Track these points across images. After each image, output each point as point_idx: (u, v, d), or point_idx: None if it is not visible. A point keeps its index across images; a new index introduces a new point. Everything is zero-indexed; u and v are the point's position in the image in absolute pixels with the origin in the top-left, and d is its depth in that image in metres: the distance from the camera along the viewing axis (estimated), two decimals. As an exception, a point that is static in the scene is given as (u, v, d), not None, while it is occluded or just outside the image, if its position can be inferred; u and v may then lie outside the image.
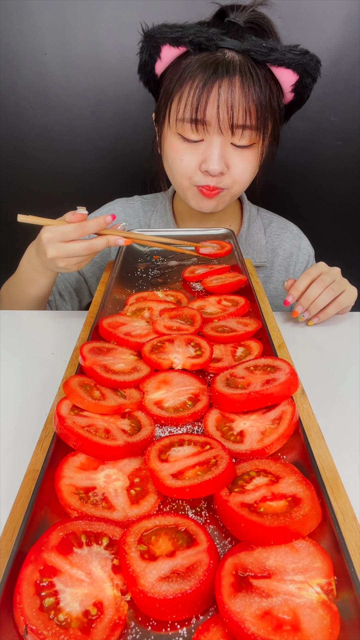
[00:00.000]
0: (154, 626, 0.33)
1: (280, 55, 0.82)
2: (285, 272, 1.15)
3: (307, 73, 0.85)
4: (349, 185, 1.43)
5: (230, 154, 0.89)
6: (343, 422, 0.64)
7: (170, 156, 0.93)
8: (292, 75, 0.86)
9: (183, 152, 0.91)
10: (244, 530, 0.37)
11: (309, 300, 0.86)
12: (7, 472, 0.55)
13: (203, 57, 0.84)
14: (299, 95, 0.91)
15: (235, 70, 0.82)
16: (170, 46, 0.85)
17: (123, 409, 0.50)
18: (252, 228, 1.13)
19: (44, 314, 0.97)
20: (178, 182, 0.96)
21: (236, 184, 0.93)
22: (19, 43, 1.25)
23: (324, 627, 0.31)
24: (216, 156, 0.87)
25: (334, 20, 1.20)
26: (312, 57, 0.84)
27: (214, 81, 0.83)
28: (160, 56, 0.88)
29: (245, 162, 0.91)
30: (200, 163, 0.89)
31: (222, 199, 0.96)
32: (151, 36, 0.85)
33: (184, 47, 0.85)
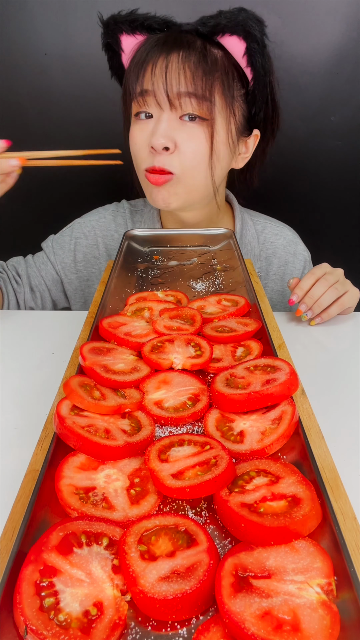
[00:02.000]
0: (154, 626, 0.33)
1: (217, 19, 0.82)
2: (281, 280, 1.13)
3: (250, 35, 0.82)
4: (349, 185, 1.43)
5: (179, 130, 0.87)
6: (343, 422, 0.64)
7: (131, 145, 0.93)
8: (240, 44, 0.84)
9: (135, 133, 0.91)
10: (244, 530, 0.37)
11: (313, 299, 0.85)
12: (7, 472, 0.55)
13: (153, 39, 0.86)
14: (253, 68, 0.87)
15: (176, 46, 0.84)
16: (127, 35, 0.87)
17: (123, 409, 0.50)
18: (245, 237, 1.11)
19: (44, 314, 0.97)
20: (137, 171, 0.95)
21: (186, 169, 0.89)
22: (19, 43, 1.25)
23: (324, 627, 0.31)
24: (161, 129, 0.86)
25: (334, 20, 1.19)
26: (249, 14, 0.81)
27: (153, 56, 0.84)
28: (122, 48, 0.90)
29: (194, 140, 0.87)
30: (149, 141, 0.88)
31: (172, 189, 0.91)
32: (107, 25, 0.88)
33: (140, 35, 0.87)
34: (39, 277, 1.09)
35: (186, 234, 0.97)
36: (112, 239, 1.12)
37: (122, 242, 0.92)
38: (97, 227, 1.12)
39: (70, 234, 1.12)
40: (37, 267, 1.10)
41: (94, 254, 1.12)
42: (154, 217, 1.11)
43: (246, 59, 0.85)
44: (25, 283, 1.07)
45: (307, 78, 1.26)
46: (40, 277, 1.10)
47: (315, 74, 1.26)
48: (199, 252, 0.93)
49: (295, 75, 1.25)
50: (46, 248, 1.12)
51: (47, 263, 1.11)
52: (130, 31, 0.87)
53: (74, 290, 1.13)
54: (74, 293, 1.14)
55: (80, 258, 1.11)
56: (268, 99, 0.94)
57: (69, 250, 1.11)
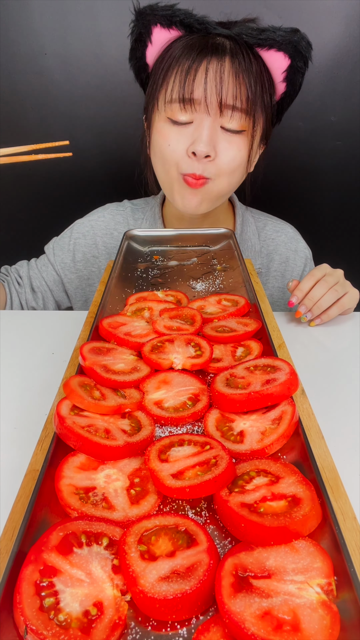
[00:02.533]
0: (154, 626, 0.33)
1: (270, 34, 0.81)
2: (282, 277, 1.13)
3: (298, 54, 0.83)
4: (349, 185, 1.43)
5: (220, 138, 0.87)
6: (343, 422, 0.64)
7: (158, 143, 0.91)
8: (284, 60, 0.84)
9: (171, 137, 0.89)
10: (244, 530, 0.37)
11: (313, 301, 0.85)
12: (7, 472, 0.55)
13: (192, 39, 0.84)
14: (290, 84, 0.89)
15: (225, 52, 0.82)
16: (161, 27, 0.85)
17: (123, 409, 0.50)
18: (246, 233, 1.11)
19: (44, 314, 0.97)
20: (164, 172, 0.94)
21: (222, 175, 0.90)
22: (19, 43, 1.25)
23: (324, 628, 0.31)
24: (205, 136, 0.85)
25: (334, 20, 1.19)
26: (302, 36, 0.83)
27: (202, 59, 0.82)
28: (151, 40, 0.87)
29: (234, 149, 0.88)
30: (188, 146, 0.87)
31: (207, 195, 0.92)
32: (142, 14, 0.85)
33: (175, 30, 0.85)
34: (40, 279, 1.11)
35: (186, 234, 0.97)
36: (112, 237, 1.13)
37: (122, 242, 0.92)
38: (95, 227, 1.13)
39: (69, 235, 1.13)
40: (38, 269, 1.12)
41: (93, 253, 1.12)
42: (155, 214, 1.11)
43: (285, 75, 0.86)
44: (26, 284, 1.09)
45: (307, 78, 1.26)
46: (42, 278, 1.11)
47: (315, 74, 1.26)
48: (199, 252, 0.93)
49: (295, 75, 1.25)
50: (47, 250, 1.14)
51: (48, 265, 1.13)
52: (166, 25, 0.85)
53: (74, 289, 1.14)
54: (74, 292, 1.14)
55: (80, 258, 1.12)
56: None
57: (68, 250, 1.12)
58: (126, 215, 1.14)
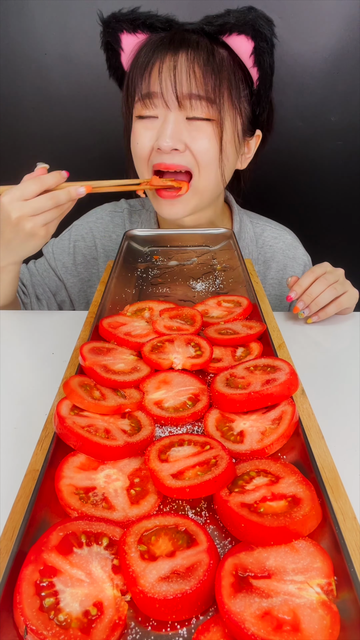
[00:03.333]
0: (154, 626, 0.33)
1: (226, 17, 0.81)
2: (279, 285, 1.11)
3: (259, 34, 0.82)
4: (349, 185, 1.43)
5: (187, 130, 0.87)
6: (343, 422, 0.64)
7: (132, 144, 0.92)
8: (247, 43, 0.83)
9: (139, 134, 0.90)
10: (244, 530, 0.37)
11: (311, 297, 0.85)
12: (7, 472, 0.55)
13: (157, 38, 0.85)
14: (261, 68, 0.87)
15: (183, 46, 0.83)
16: (127, 33, 0.86)
17: (123, 409, 0.50)
18: (243, 240, 1.09)
19: (44, 314, 0.97)
20: (141, 173, 0.94)
21: (201, 166, 0.88)
22: (19, 43, 1.25)
23: (324, 628, 0.31)
24: (168, 130, 0.85)
25: (334, 20, 1.19)
26: (258, 13, 0.81)
27: (158, 56, 0.83)
28: (122, 47, 0.89)
29: (204, 139, 0.87)
30: (154, 142, 0.87)
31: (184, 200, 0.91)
32: (107, 23, 0.87)
33: (141, 33, 0.86)
34: (44, 286, 1.10)
35: (186, 234, 0.97)
36: (110, 240, 1.12)
37: (122, 242, 0.92)
38: (94, 229, 1.12)
39: (68, 237, 1.12)
40: (40, 275, 1.11)
41: (92, 255, 1.12)
42: (151, 219, 1.11)
43: (253, 58, 0.85)
44: (31, 294, 1.08)
45: (307, 78, 1.26)
46: (45, 284, 1.11)
47: (315, 74, 1.26)
48: (199, 252, 0.93)
49: (295, 75, 1.25)
50: (47, 254, 1.13)
51: (49, 270, 1.12)
52: (131, 30, 0.85)
53: (77, 292, 1.13)
54: (77, 295, 1.14)
55: (80, 260, 1.11)
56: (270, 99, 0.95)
57: (68, 253, 1.11)
58: (124, 218, 1.13)
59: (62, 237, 1.13)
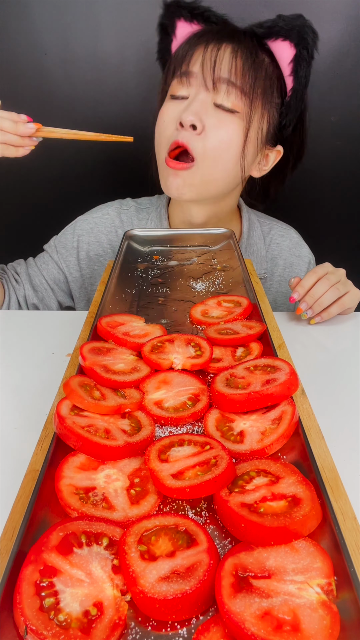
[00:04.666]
0: (154, 626, 0.33)
1: (275, 20, 0.85)
2: (285, 282, 1.12)
3: (303, 41, 0.84)
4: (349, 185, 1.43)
5: (210, 114, 0.87)
6: (343, 422, 0.64)
7: (158, 123, 0.93)
8: (289, 49, 0.86)
9: (167, 111, 0.91)
10: (244, 530, 0.37)
11: (314, 298, 0.85)
12: (7, 472, 0.55)
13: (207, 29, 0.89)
14: (297, 77, 0.89)
15: (229, 37, 0.86)
16: (184, 21, 0.90)
17: (123, 409, 0.50)
18: (252, 237, 1.10)
19: (44, 314, 0.97)
20: (158, 153, 0.95)
21: (207, 156, 0.88)
22: (19, 43, 1.25)
23: (324, 628, 0.31)
24: (192, 106, 0.86)
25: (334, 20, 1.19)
26: (306, 22, 0.84)
27: (203, 40, 0.86)
28: (175, 34, 0.92)
29: (223, 129, 0.87)
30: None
31: (189, 178, 0.90)
32: (169, 6, 0.90)
33: (196, 24, 0.89)
34: (40, 277, 1.09)
35: (186, 234, 0.97)
36: (117, 236, 1.10)
37: (122, 242, 0.92)
38: (100, 224, 1.10)
39: (72, 232, 1.11)
40: (37, 267, 1.09)
41: (96, 251, 1.10)
42: (161, 215, 1.09)
43: (292, 66, 0.87)
44: (25, 280, 1.07)
45: (307, 78, 1.26)
46: (42, 276, 1.09)
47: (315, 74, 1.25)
48: (199, 252, 0.93)
49: (295, 75, 1.25)
50: (48, 248, 1.12)
51: (50, 262, 1.10)
52: (189, 18, 0.89)
53: (78, 288, 1.12)
54: (79, 292, 1.13)
55: (83, 256, 1.10)
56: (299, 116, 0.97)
57: (72, 247, 1.10)
58: (130, 215, 1.12)
59: (65, 232, 1.11)
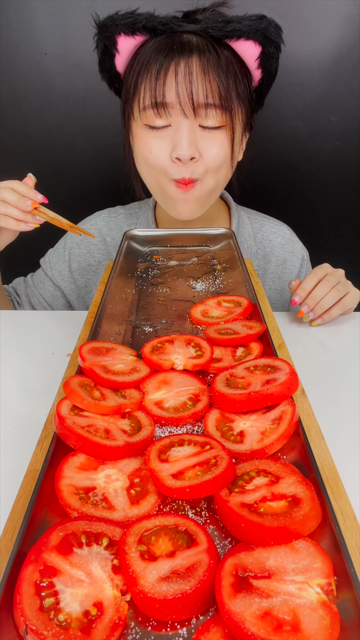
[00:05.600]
0: (154, 626, 0.33)
1: (237, 24, 0.80)
2: (279, 279, 1.12)
3: (268, 40, 0.82)
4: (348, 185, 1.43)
5: (200, 138, 0.86)
6: (343, 422, 0.64)
7: (141, 151, 0.90)
8: (255, 48, 0.83)
9: (151, 143, 0.88)
10: (244, 530, 0.37)
11: (315, 301, 0.85)
12: (7, 472, 0.55)
13: (158, 41, 0.82)
14: (266, 70, 0.87)
15: (192, 50, 0.81)
16: (125, 36, 0.84)
17: (123, 409, 0.50)
18: (242, 235, 1.10)
19: (44, 314, 0.97)
20: (151, 179, 0.93)
21: (209, 173, 0.89)
22: (19, 43, 1.25)
23: (324, 628, 0.31)
24: (185, 139, 0.84)
25: (334, 20, 1.19)
26: (269, 21, 0.81)
27: (170, 61, 0.81)
28: (118, 49, 0.86)
29: (216, 146, 0.87)
30: (171, 152, 0.86)
31: (198, 197, 0.91)
32: (104, 26, 0.84)
33: (140, 36, 0.84)
34: (38, 296, 1.11)
35: (186, 234, 0.97)
36: (105, 244, 1.12)
37: (122, 242, 0.92)
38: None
39: (63, 245, 1.13)
40: (35, 286, 1.12)
41: (88, 261, 1.12)
42: (149, 219, 1.11)
43: (258, 62, 0.85)
44: (25, 302, 1.09)
45: (307, 78, 1.26)
46: (40, 295, 1.11)
47: (315, 74, 1.26)
48: (199, 252, 0.93)
49: (295, 75, 1.25)
50: (44, 264, 1.14)
51: (45, 280, 1.12)
52: (130, 33, 0.83)
53: (76, 298, 1.14)
54: (77, 301, 1.14)
55: (75, 267, 1.12)
56: None
57: (63, 261, 1.12)
58: (119, 222, 1.13)
59: (58, 246, 1.14)
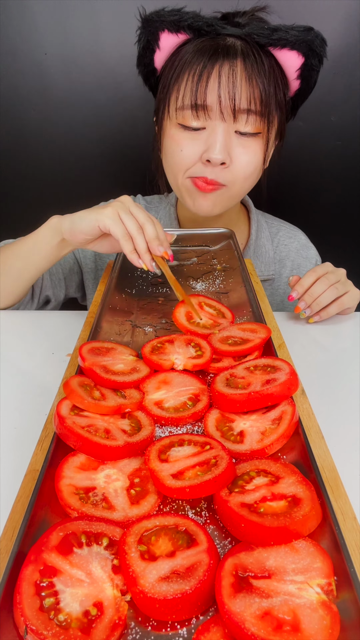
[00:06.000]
0: (154, 626, 0.33)
1: (283, 34, 0.79)
2: None
3: (312, 52, 0.81)
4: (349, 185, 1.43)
5: (235, 144, 0.85)
6: (343, 422, 0.64)
7: (170, 148, 0.89)
8: (297, 58, 0.82)
9: (184, 142, 0.87)
10: (244, 530, 0.37)
11: (312, 297, 0.85)
12: (7, 472, 0.55)
13: (202, 42, 0.82)
14: (305, 81, 0.87)
15: (236, 54, 0.80)
16: (169, 33, 0.83)
17: (123, 409, 0.50)
18: (260, 239, 1.10)
19: (44, 314, 0.97)
20: (174, 176, 0.92)
21: (237, 181, 0.89)
22: (19, 43, 1.25)
23: (324, 628, 0.31)
24: (219, 143, 0.83)
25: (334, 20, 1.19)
26: (317, 34, 0.80)
27: (214, 64, 0.80)
28: (159, 45, 0.85)
29: (250, 154, 0.87)
30: (202, 153, 0.85)
31: (219, 197, 0.91)
32: (149, 21, 0.83)
33: (183, 34, 0.83)
34: (57, 265, 1.08)
35: (186, 234, 0.97)
36: None
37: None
38: None
39: None
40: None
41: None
42: (171, 214, 1.10)
43: (299, 72, 0.84)
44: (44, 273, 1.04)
45: (307, 78, 1.26)
46: (59, 264, 1.08)
47: (315, 74, 1.25)
48: (199, 252, 0.93)
49: (295, 75, 1.25)
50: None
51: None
52: (174, 30, 0.82)
53: (92, 279, 1.12)
54: (92, 283, 1.12)
55: None
56: None
57: None
58: None
59: None
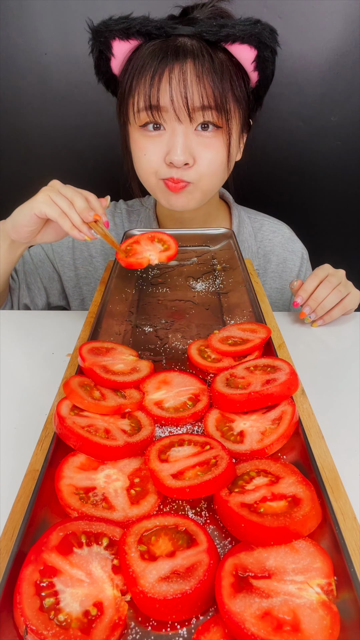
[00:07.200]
0: (154, 626, 0.33)
1: (230, 29, 0.79)
2: (280, 278, 1.12)
3: (263, 45, 0.81)
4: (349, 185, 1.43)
5: (196, 143, 0.86)
6: (343, 422, 0.64)
7: (135, 153, 0.91)
8: (250, 51, 0.82)
9: (147, 147, 0.88)
10: (244, 530, 0.37)
11: (317, 302, 0.86)
12: (7, 472, 0.55)
13: (153, 45, 0.82)
14: (262, 73, 0.87)
15: (186, 55, 0.81)
16: (120, 40, 0.84)
17: (123, 409, 0.50)
18: (242, 234, 1.10)
19: (44, 314, 0.97)
20: (145, 180, 0.93)
21: (204, 177, 0.89)
22: (19, 43, 1.25)
23: (324, 628, 0.31)
24: (179, 145, 0.84)
25: (334, 20, 1.19)
26: (264, 26, 0.80)
27: (165, 67, 0.81)
28: (113, 53, 0.86)
29: (212, 151, 0.87)
30: (165, 155, 0.86)
31: (190, 195, 0.91)
32: (98, 32, 0.84)
33: (134, 40, 0.83)
34: (35, 275, 1.09)
35: (186, 234, 0.97)
36: None
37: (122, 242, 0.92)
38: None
39: None
40: (34, 264, 1.10)
41: (90, 252, 1.12)
42: (150, 216, 1.11)
43: (254, 65, 0.85)
44: (22, 280, 1.07)
45: (307, 78, 1.26)
46: (38, 275, 1.09)
47: (315, 74, 1.25)
48: (199, 252, 0.93)
49: (295, 75, 1.25)
50: (45, 246, 1.12)
51: (45, 260, 1.11)
52: (124, 37, 0.83)
53: (72, 287, 1.13)
54: (72, 291, 1.14)
55: (78, 256, 1.12)
56: None
57: (67, 247, 1.11)
58: (122, 218, 1.14)
59: None
